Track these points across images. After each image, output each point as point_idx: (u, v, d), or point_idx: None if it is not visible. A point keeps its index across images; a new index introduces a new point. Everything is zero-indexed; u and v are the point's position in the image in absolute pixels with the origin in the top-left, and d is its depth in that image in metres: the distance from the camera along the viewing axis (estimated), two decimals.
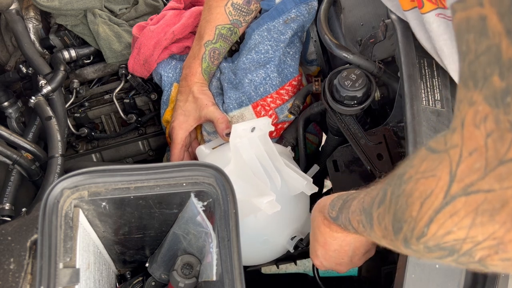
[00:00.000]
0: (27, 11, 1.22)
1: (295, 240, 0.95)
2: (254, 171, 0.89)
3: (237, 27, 1.06)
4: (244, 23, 1.07)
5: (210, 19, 1.04)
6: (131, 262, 0.94)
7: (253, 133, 0.91)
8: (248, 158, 0.90)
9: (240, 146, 0.90)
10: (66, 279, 0.61)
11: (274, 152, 0.93)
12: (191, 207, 0.72)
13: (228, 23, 1.04)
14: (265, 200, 0.83)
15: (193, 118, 1.05)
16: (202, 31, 1.05)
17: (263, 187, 0.87)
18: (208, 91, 1.07)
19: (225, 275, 0.66)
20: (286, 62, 1.07)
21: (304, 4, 1.06)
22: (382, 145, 0.87)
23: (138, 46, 1.12)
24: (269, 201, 0.83)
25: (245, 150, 0.90)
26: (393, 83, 0.91)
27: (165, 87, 1.13)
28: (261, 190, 0.86)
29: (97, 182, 0.67)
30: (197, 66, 1.05)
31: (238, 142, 0.89)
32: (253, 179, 0.88)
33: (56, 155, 1.04)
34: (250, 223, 0.90)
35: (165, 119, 1.13)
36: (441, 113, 0.77)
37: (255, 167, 0.90)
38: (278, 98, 1.05)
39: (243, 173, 0.88)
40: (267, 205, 0.83)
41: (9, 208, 0.99)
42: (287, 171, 0.91)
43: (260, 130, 0.92)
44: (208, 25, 1.04)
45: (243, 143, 0.90)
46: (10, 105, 1.14)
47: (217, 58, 1.07)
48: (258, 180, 0.88)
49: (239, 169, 0.89)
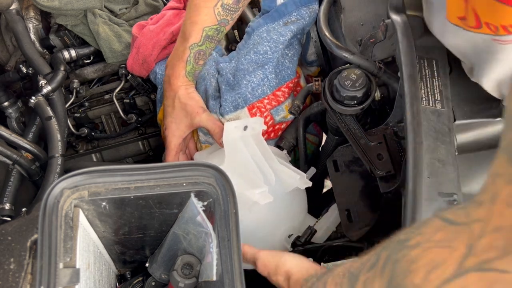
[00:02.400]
0: (27, 11, 1.22)
1: (292, 238, 0.96)
2: (247, 168, 0.90)
3: (224, 26, 1.04)
4: (231, 21, 1.05)
5: (198, 20, 1.00)
6: (131, 262, 0.94)
7: (246, 131, 0.92)
8: (241, 155, 0.91)
9: (233, 144, 0.91)
10: (66, 279, 0.61)
11: (267, 150, 0.94)
12: (191, 207, 0.72)
13: (216, 24, 1.01)
14: (257, 191, 0.84)
15: (184, 125, 1.04)
16: (187, 32, 1.01)
17: (256, 181, 0.88)
18: (194, 93, 1.05)
19: (225, 275, 0.66)
20: (284, 63, 1.06)
21: (305, 7, 1.06)
22: (382, 145, 0.87)
23: (137, 46, 1.12)
24: (261, 192, 0.84)
25: (238, 148, 0.91)
26: (393, 83, 0.91)
27: (159, 84, 1.13)
28: (254, 183, 0.87)
29: (97, 182, 0.67)
30: (180, 69, 1.03)
31: (231, 140, 0.90)
32: (247, 174, 0.89)
33: (56, 155, 1.04)
34: (246, 220, 0.91)
35: (160, 118, 1.13)
36: (441, 113, 0.77)
37: (249, 163, 0.91)
38: (274, 100, 1.05)
39: (237, 169, 0.89)
40: (259, 196, 0.84)
41: (9, 208, 0.99)
42: (280, 168, 0.92)
43: (253, 129, 0.93)
44: (195, 27, 1.00)
45: (236, 141, 0.91)
46: (10, 105, 1.14)
47: (203, 58, 1.05)
48: (252, 175, 0.89)
49: (232, 166, 0.89)
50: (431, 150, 0.74)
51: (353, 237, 0.93)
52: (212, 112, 1.05)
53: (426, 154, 0.73)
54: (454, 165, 0.74)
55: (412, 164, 0.73)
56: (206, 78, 1.07)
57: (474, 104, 0.81)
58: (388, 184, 0.83)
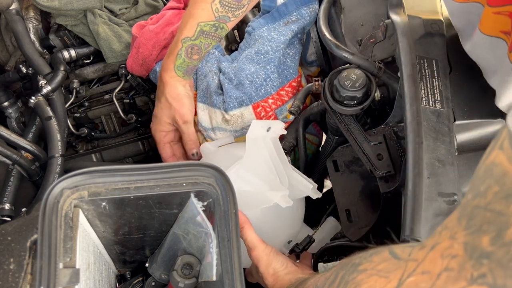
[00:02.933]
0: (27, 11, 1.22)
1: (292, 244, 0.96)
2: (266, 168, 0.90)
3: (225, 23, 1.00)
4: (233, 17, 1.00)
5: (194, 14, 0.97)
6: (131, 262, 0.94)
7: (268, 133, 0.92)
8: (261, 155, 0.91)
9: (256, 142, 0.90)
10: (66, 279, 0.61)
11: (283, 155, 0.93)
12: (191, 207, 0.72)
13: (213, 19, 0.98)
14: (279, 193, 0.84)
15: (166, 122, 1.05)
16: (182, 26, 0.99)
17: (275, 183, 0.88)
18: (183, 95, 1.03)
19: (225, 275, 0.66)
20: (286, 63, 1.06)
21: (305, 7, 1.06)
22: (382, 145, 0.87)
23: (137, 46, 1.12)
24: (283, 195, 0.84)
25: (259, 147, 0.91)
26: (393, 83, 0.91)
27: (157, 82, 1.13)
28: (273, 185, 0.87)
29: (97, 182, 0.67)
30: (170, 62, 1.01)
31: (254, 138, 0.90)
32: (266, 174, 0.89)
33: (56, 155, 1.04)
34: (253, 219, 0.91)
35: None
36: (441, 113, 0.77)
37: (268, 164, 0.91)
38: (278, 99, 1.05)
39: (256, 167, 0.89)
40: (281, 199, 0.84)
41: (9, 208, 0.99)
42: (294, 175, 0.92)
43: (273, 132, 0.93)
44: (190, 21, 0.97)
45: (259, 140, 0.91)
46: (10, 105, 1.14)
47: (197, 53, 1.01)
48: (272, 176, 0.89)
49: (251, 164, 0.89)
50: (431, 150, 0.74)
51: (353, 237, 0.93)
52: (215, 107, 1.05)
53: (426, 154, 0.73)
54: (454, 165, 0.74)
55: (412, 164, 0.73)
56: (208, 75, 1.07)
57: (474, 104, 0.81)
58: (388, 184, 0.83)
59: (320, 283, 0.61)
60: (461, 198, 0.72)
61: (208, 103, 1.06)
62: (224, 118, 1.04)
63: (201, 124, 1.08)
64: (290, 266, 0.81)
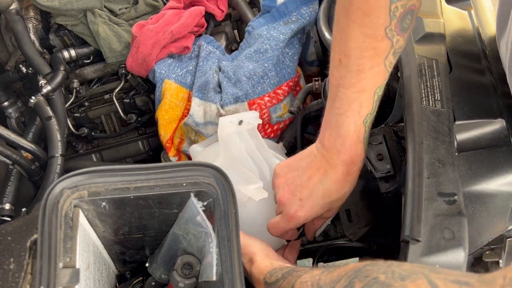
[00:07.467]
0: (27, 11, 1.22)
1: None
2: (243, 163, 0.91)
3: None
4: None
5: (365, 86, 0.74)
6: (131, 262, 0.94)
7: (241, 126, 0.92)
8: (236, 151, 0.91)
9: (229, 139, 0.91)
10: (66, 279, 0.61)
11: (263, 145, 0.94)
12: (191, 207, 0.72)
13: (387, 76, 0.76)
14: (252, 187, 0.85)
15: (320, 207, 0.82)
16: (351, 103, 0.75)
17: (251, 176, 0.89)
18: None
19: (225, 275, 0.66)
20: (285, 62, 1.07)
21: (305, 7, 1.06)
22: (382, 145, 0.86)
23: (136, 45, 1.12)
24: (256, 188, 0.86)
25: (233, 143, 0.91)
26: (393, 83, 0.91)
27: (157, 82, 1.13)
28: (248, 179, 0.88)
29: (97, 182, 0.67)
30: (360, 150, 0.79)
31: (226, 135, 0.90)
32: (242, 170, 0.89)
33: (56, 155, 1.04)
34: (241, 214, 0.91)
35: (157, 115, 1.13)
36: (441, 113, 0.77)
37: (244, 159, 0.92)
38: (274, 98, 1.05)
39: (232, 164, 0.90)
40: (254, 192, 0.85)
41: (9, 208, 0.99)
42: (276, 162, 0.92)
43: (248, 124, 0.93)
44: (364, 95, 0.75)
45: (232, 137, 0.91)
46: (10, 105, 1.14)
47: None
48: (247, 171, 0.90)
49: (228, 161, 0.90)
50: (431, 150, 0.74)
51: (353, 237, 0.93)
52: (212, 103, 1.05)
53: (426, 154, 0.73)
54: (454, 165, 0.74)
55: (412, 164, 0.73)
56: (208, 73, 1.07)
57: (474, 104, 0.81)
58: (388, 184, 0.83)
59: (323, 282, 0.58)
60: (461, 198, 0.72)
61: (204, 98, 1.06)
62: (218, 113, 1.04)
63: (194, 119, 1.07)
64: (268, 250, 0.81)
